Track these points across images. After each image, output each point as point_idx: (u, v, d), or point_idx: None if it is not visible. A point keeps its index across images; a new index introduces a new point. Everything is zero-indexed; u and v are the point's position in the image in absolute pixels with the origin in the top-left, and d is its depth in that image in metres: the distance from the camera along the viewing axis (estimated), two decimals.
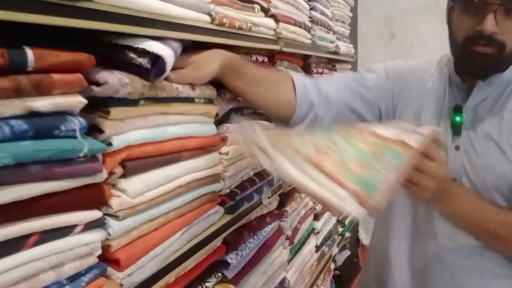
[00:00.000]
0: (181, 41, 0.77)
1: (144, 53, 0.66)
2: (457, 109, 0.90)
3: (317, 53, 1.53)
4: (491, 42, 0.80)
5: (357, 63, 2.63)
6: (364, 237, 2.61)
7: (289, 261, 1.35)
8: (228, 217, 0.95)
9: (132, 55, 0.66)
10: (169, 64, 0.70)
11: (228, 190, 0.97)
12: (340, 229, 1.91)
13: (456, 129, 0.90)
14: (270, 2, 1.16)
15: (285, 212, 1.29)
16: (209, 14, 0.87)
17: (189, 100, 0.83)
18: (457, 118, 0.90)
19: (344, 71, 1.97)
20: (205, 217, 0.88)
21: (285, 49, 1.24)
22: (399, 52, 3.13)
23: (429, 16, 3.00)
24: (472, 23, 0.81)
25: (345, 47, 1.83)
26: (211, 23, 0.87)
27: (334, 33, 1.73)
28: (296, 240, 1.38)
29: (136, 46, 0.66)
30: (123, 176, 0.68)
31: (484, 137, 0.88)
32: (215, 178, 0.91)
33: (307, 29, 1.39)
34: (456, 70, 0.93)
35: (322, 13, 1.56)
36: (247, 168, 1.04)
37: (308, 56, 1.55)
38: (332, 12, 1.73)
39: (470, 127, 0.89)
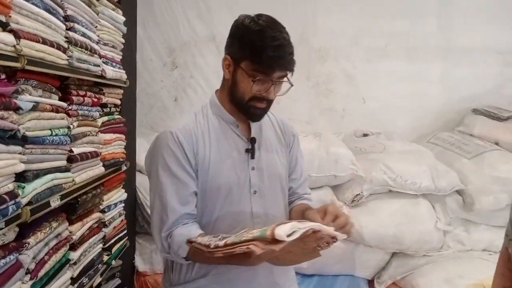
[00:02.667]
0: None
1: None
2: (253, 140, 1.27)
3: (76, 75, 1.48)
4: (267, 101, 1.21)
5: (135, 89, 2.65)
6: (141, 264, 2.59)
7: None
8: None
9: None
10: None
11: None
12: (106, 258, 1.85)
13: (252, 154, 1.26)
14: (10, 17, 1.08)
15: (26, 244, 1.17)
16: None
17: None
18: (255, 146, 1.27)
19: (115, 95, 1.95)
20: None
21: (30, 68, 1.17)
22: (180, 81, 3.30)
23: (208, 50, 3.27)
24: (260, 88, 1.18)
25: (114, 72, 1.83)
26: None
27: (101, 57, 1.71)
28: (42, 273, 1.27)
29: None
30: None
31: (266, 154, 1.29)
32: None
33: (62, 49, 1.34)
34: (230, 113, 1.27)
35: (84, 35, 1.52)
36: None
37: (66, 78, 1.48)
38: (99, 36, 1.71)
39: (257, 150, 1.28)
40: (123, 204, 2.08)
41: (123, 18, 1.96)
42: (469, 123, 3.10)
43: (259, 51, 1.14)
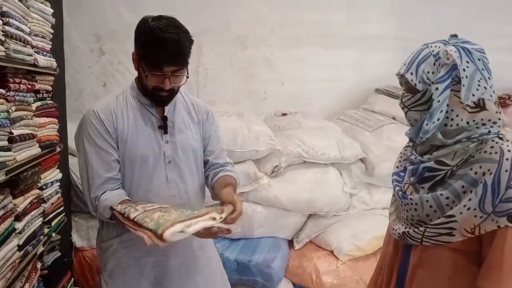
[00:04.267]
0: None
1: None
2: (165, 118, 1.50)
3: (13, 64, 1.64)
4: (168, 90, 1.42)
5: (64, 75, 2.77)
6: (78, 240, 2.75)
7: None
8: None
9: None
10: None
11: None
12: (47, 230, 2.03)
13: (165, 130, 1.49)
14: None
15: None
16: None
17: None
18: (167, 123, 1.50)
19: (46, 82, 2.10)
20: None
21: None
22: (109, 67, 3.42)
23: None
24: (156, 81, 1.40)
25: (45, 60, 1.98)
26: None
27: (33, 47, 1.86)
28: None
29: None
30: None
31: (179, 130, 1.53)
32: None
33: (0, 42, 1.50)
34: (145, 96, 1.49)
35: (18, 28, 1.68)
36: None
37: (4, 67, 1.63)
38: (30, 28, 1.86)
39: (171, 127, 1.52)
40: (59, 183, 2.25)
41: (51, 10, 2.10)
42: (371, 101, 3.54)
43: (148, 51, 1.36)
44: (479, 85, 1.10)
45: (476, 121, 1.12)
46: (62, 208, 2.30)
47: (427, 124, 1.13)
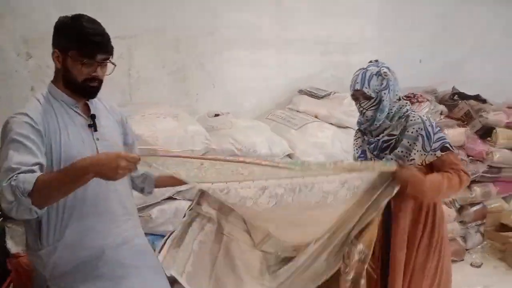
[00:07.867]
0: None
1: None
2: (93, 116, 1.62)
3: None
4: (98, 80, 1.58)
5: None
6: (13, 246, 2.71)
7: None
8: None
9: None
10: None
11: None
12: None
13: (95, 128, 1.61)
14: None
15: None
16: None
17: None
18: (95, 121, 1.64)
19: None
20: None
21: None
22: (38, 71, 3.35)
23: None
24: (89, 71, 1.54)
25: None
26: None
27: None
28: None
29: None
30: None
31: (104, 127, 1.65)
32: None
33: None
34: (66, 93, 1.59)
35: None
36: None
37: None
38: None
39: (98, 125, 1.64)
40: None
41: None
42: (296, 101, 3.84)
43: (83, 40, 1.49)
44: (397, 87, 2.02)
45: (397, 107, 2.01)
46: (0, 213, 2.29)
47: (380, 115, 1.97)
